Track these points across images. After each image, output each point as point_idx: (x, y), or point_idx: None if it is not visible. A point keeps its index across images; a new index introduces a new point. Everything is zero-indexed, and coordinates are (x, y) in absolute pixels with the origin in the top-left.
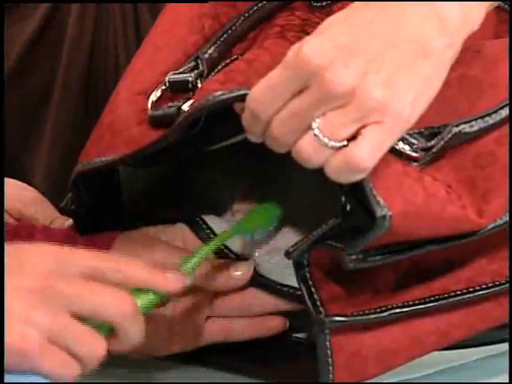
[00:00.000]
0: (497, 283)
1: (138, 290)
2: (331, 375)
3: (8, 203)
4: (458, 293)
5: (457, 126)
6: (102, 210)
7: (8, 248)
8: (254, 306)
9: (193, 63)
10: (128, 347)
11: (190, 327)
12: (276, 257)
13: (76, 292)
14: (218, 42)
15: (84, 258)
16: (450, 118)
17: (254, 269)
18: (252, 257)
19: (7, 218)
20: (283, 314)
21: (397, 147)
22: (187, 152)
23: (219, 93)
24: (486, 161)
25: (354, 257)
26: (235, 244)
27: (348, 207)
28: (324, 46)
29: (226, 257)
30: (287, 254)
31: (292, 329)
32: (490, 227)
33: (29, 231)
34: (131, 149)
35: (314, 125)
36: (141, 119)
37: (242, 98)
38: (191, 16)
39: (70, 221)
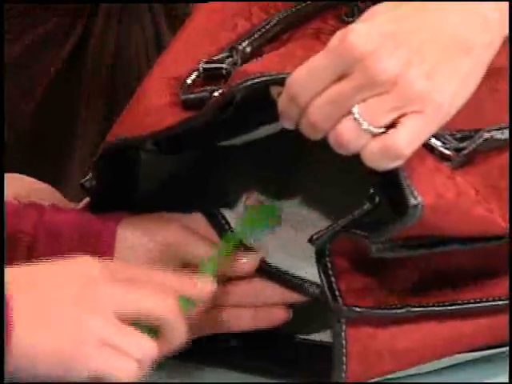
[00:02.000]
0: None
1: None
2: (344, 366)
3: (22, 196)
4: (472, 301)
5: (488, 131)
6: (118, 193)
7: (50, 264)
8: (260, 296)
9: (227, 53)
10: (172, 348)
11: (194, 315)
12: (288, 247)
13: (122, 295)
14: (252, 38)
15: (122, 267)
16: (480, 125)
17: (264, 259)
18: (262, 247)
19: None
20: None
21: (430, 143)
22: (210, 142)
23: (258, 74)
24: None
25: (380, 245)
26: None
27: (377, 199)
28: (369, 33)
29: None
30: (311, 241)
31: (304, 331)
32: None
33: (38, 210)
34: (160, 127)
35: (355, 109)
36: (173, 102)
37: (280, 81)
38: (224, 14)
39: None
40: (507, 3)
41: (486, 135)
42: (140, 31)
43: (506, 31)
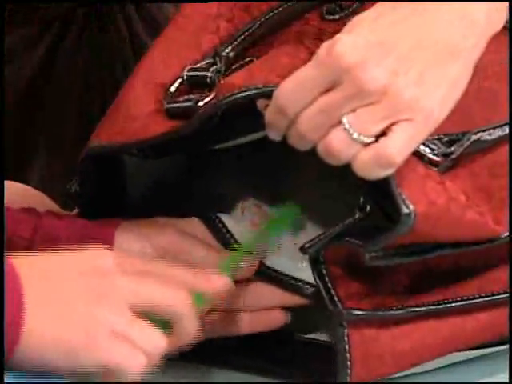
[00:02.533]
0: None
1: None
2: (348, 370)
3: (17, 202)
4: (471, 297)
5: (475, 133)
6: (106, 198)
7: (63, 253)
8: (259, 299)
9: (211, 60)
10: (183, 343)
11: (207, 314)
12: (284, 250)
13: (134, 287)
14: (235, 43)
15: (135, 260)
16: (466, 127)
17: (261, 262)
18: (260, 250)
19: None
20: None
21: (419, 150)
22: (196, 148)
23: (245, 88)
24: (500, 170)
25: (373, 254)
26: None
27: (368, 208)
28: (356, 44)
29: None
30: (302, 250)
31: (303, 330)
32: (505, 235)
33: (35, 214)
34: (145, 136)
35: (345, 120)
36: (157, 109)
37: (267, 94)
38: (206, 16)
39: None
40: (493, 3)
41: (474, 137)
42: (115, 33)
43: (493, 31)
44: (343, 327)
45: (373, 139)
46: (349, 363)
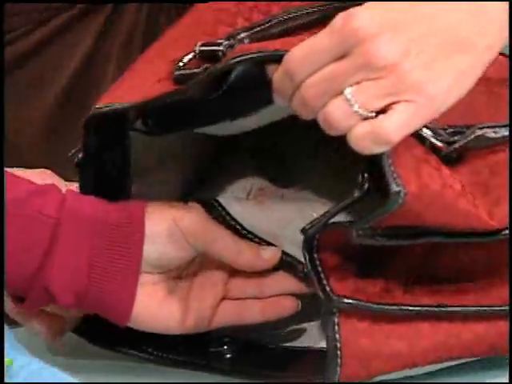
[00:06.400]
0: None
1: None
2: (339, 359)
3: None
4: (467, 306)
5: (481, 128)
6: (108, 173)
7: None
8: (271, 287)
9: (225, 40)
10: None
11: (205, 305)
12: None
13: None
14: (251, 32)
15: None
16: (472, 122)
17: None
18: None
19: None
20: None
21: (422, 133)
22: (199, 122)
23: (255, 50)
24: (501, 169)
25: (360, 232)
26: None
27: (366, 186)
28: (373, 18)
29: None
30: (303, 231)
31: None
32: (499, 234)
33: (59, 190)
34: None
35: (347, 90)
36: (165, 77)
37: (278, 58)
38: (224, 11)
39: None
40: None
41: (478, 132)
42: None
43: (504, 40)
44: (334, 314)
45: (372, 114)
46: (339, 360)
